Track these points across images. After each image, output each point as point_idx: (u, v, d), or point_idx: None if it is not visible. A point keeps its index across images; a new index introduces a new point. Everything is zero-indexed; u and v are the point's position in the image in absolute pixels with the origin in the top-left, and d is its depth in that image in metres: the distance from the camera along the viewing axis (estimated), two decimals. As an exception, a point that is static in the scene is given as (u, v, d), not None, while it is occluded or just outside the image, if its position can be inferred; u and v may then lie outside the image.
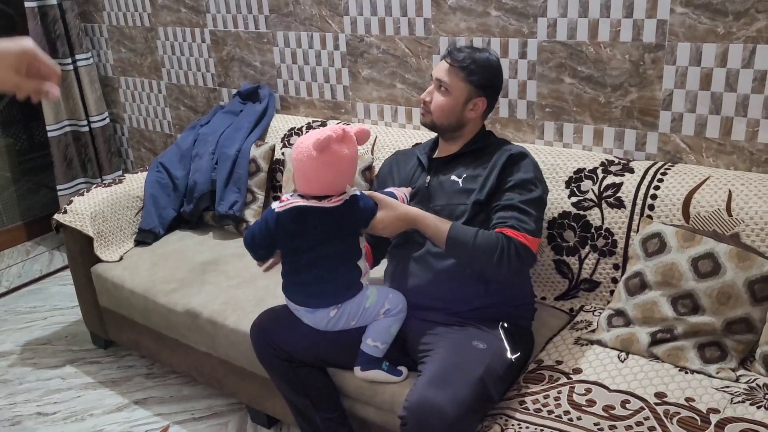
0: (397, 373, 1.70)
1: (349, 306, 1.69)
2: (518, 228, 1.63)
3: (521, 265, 1.65)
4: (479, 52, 1.76)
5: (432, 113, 1.79)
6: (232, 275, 2.26)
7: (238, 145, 2.61)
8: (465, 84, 1.75)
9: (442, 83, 1.76)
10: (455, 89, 1.75)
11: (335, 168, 1.59)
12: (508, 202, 1.68)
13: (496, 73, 1.79)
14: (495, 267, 1.62)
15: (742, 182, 1.76)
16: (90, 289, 2.52)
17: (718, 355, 1.59)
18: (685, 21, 1.84)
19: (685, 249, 1.65)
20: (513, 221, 1.65)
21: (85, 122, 3.44)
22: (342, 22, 2.53)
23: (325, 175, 1.59)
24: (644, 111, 1.99)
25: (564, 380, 1.59)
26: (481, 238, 1.63)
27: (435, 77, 1.78)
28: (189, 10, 2.99)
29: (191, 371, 2.31)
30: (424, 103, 1.81)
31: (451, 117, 1.78)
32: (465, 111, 1.78)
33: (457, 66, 1.74)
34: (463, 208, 1.73)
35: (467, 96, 1.76)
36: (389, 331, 1.71)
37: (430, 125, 1.83)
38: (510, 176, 1.71)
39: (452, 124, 1.79)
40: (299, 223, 1.63)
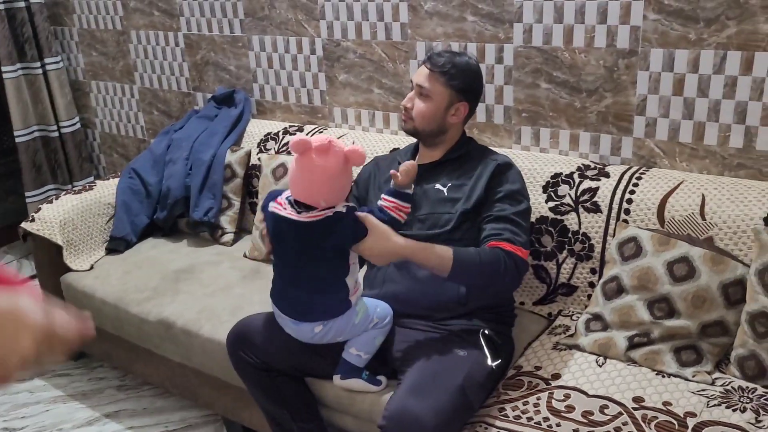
0: (376, 383, 1.68)
1: (337, 323, 1.61)
2: (514, 241, 1.64)
3: (520, 278, 1.67)
4: (459, 56, 1.76)
5: (414, 119, 1.78)
6: (207, 283, 2.23)
7: (213, 150, 2.58)
8: (446, 89, 1.74)
9: (423, 89, 1.75)
10: (436, 94, 1.74)
11: (308, 176, 1.48)
12: (500, 214, 1.68)
13: (476, 77, 1.79)
14: (501, 282, 1.63)
15: (715, 186, 1.78)
16: (59, 299, 2.46)
17: (694, 358, 1.60)
18: (657, 27, 1.86)
19: (660, 253, 1.67)
20: (508, 234, 1.65)
21: (55, 127, 3.36)
22: (318, 26, 2.51)
23: (299, 180, 1.51)
24: (619, 116, 2.01)
25: (543, 386, 1.58)
26: (485, 257, 1.61)
27: (415, 83, 1.77)
28: (162, 13, 2.95)
29: (165, 382, 2.27)
30: (405, 109, 1.79)
31: (433, 123, 1.77)
32: (447, 116, 1.77)
33: (438, 71, 1.73)
34: (447, 217, 1.73)
35: (449, 101, 1.76)
36: (374, 342, 1.68)
37: (412, 132, 1.82)
38: (499, 186, 1.72)
39: (434, 130, 1.79)
40: (276, 232, 1.59)
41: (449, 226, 1.71)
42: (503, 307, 1.80)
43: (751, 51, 1.75)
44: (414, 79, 1.78)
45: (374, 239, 1.53)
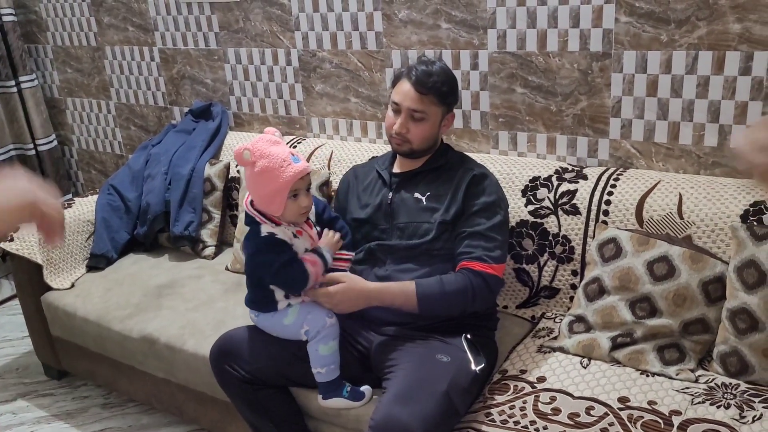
0: (358, 397, 1.67)
1: (265, 319, 1.72)
2: (485, 259, 1.66)
3: (492, 295, 1.70)
4: (435, 66, 1.73)
5: (411, 142, 1.75)
6: (189, 298, 2.21)
7: (191, 164, 2.56)
8: (439, 107, 1.74)
9: (417, 112, 1.72)
10: (431, 115, 1.74)
11: None
12: (474, 230, 1.69)
13: (456, 83, 1.79)
14: (470, 305, 1.66)
15: (692, 185, 1.80)
16: (41, 318, 2.43)
17: (677, 356, 1.61)
18: (629, 30, 1.88)
19: (640, 253, 1.68)
20: (479, 251, 1.67)
21: (32, 146, 3.33)
22: (293, 37, 2.51)
23: None
24: (594, 118, 2.02)
25: (529, 389, 1.59)
26: (449, 285, 1.64)
27: (405, 106, 1.72)
28: (136, 28, 2.94)
29: (150, 399, 2.24)
30: (399, 135, 1.74)
31: (430, 141, 1.78)
32: (439, 131, 1.79)
33: (430, 93, 1.71)
34: (427, 227, 1.73)
35: (441, 116, 1.77)
36: (319, 354, 1.66)
37: (407, 153, 1.79)
38: (475, 199, 1.72)
39: (431, 146, 1.80)
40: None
41: (429, 236, 1.72)
42: (484, 311, 1.80)
43: (722, 51, 1.77)
44: (400, 101, 1.72)
45: (344, 286, 1.64)
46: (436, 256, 1.72)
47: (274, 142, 1.59)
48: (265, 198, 1.60)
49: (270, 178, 1.55)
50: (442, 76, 1.72)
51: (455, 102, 1.80)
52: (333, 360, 1.67)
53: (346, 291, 1.64)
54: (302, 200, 1.61)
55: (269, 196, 1.59)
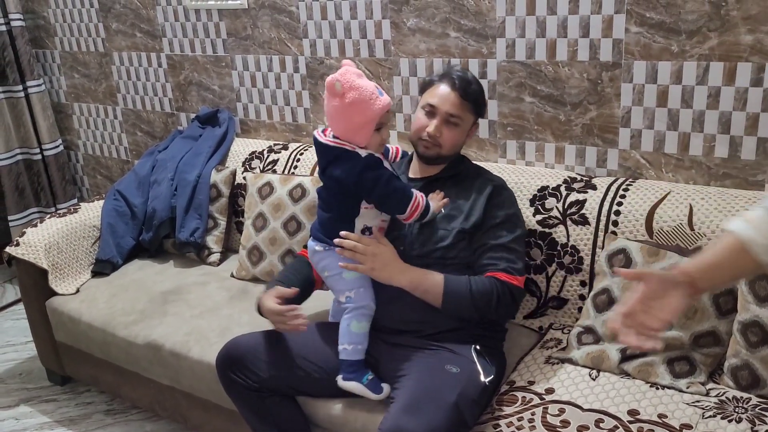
0: (377, 390, 1.64)
1: (328, 255, 1.71)
2: (510, 271, 1.67)
3: (515, 306, 1.71)
4: (470, 75, 1.78)
5: (441, 147, 1.74)
6: (194, 304, 2.20)
7: (198, 170, 2.56)
8: (472, 115, 1.77)
9: (453, 117, 1.72)
10: (465, 122, 1.76)
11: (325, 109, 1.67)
12: (497, 242, 1.70)
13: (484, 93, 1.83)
14: (493, 312, 1.66)
15: (702, 196, 1.78)
16: (45, 323, 2.42)
17: (688, 369, 1.60)
18: (640, 40, 1.87)
19: (650, 264, 1.67)
20: (504, 264, 1.67)
21: (38, 150, 3.34)
22: (301, 44, 2.51)
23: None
24: (604, 128, 2.02)
25: (537, 401, 1.57)
26: (476, 287, 1.64)
27: (444, 110, 1.71)
28: (144, 34, 2.94)
29: (153, 406, 2.23)
30: (432, 137, 1.72)
31: (458, 147, 1.80)
32: (465, 139, 1.80)
33: (470, 99, 1.74)
34: (443, 233, 1.72)
35: (471, 124, 1.79)
36: (350, 330, 1.67)
37: (433, 158, 1.77)
38: (497, 211, 1.73)
39: (455, 153, 1.81)
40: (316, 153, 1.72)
41: (445, 242, 1.71)
42: (494, 322, 1.79)
43: (734, 62, 1.76)
44: (438, 104, 1.72)
45: (389, 251, 1.67)
46: (449, 265, 1.70)
47: (359, 74, 1.63)
48: (353, 128, 1.62)
49: (361, 110, 1.59)
50: (479, 86, 1.78)
51: (483, 112, 1.83)
52: (361, 340, 1.67)
53: (390, 253, 1.66)
54: (384, 133, 1.66)
55: (358, 127, 1.61)
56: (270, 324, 1.82)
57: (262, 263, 2.30)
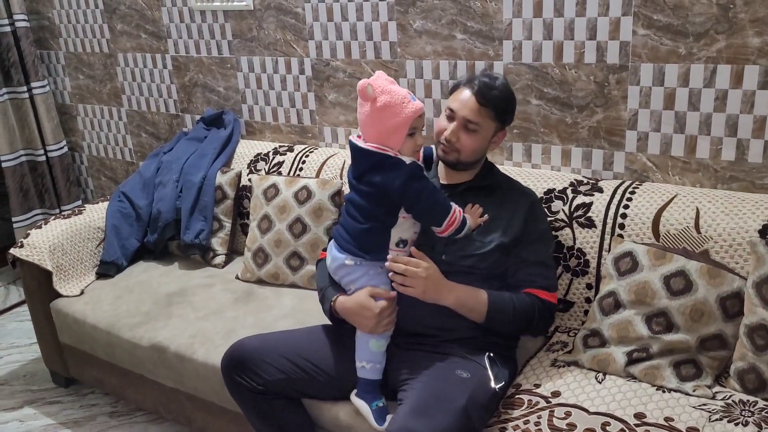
0: (380, 420, 1.60)
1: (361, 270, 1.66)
2: (548, 288, 1.70)
3: (552, 321, 1.75)
4: (497, 81, 1.69)
5: (459, 152, 1.70)
6: (199, 307, 2.20)
7: (203, 172, 2.56)
8: (493, 122, 1.70)
9: (471, 123, 1.68)
10: (485, 129, 1.69)
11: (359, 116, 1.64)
12: (536, 258, 1.71)
13: (515, 103, 1.75)
14: (533, 329, 1.71)
15: (709, 199, 1.78)
16: (49, 325, 2.42)
17: (694, 372, 1.59)
18: (647, 42, 1.87)
19: (656, 267, 1.66)
20: (542, 280, 1.70)
21: (42, 151, 3.34)
22: (307, 46, 2.51)
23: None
24: (610, 131, 2.01)
25: (543, 404, 1.57)
26: (519, 304, 1.66)
27: (461, 115, 1.67)
28: (149, 35, 2.94)
29: (158, 408, 2.23)
30: (449, 142, 1.69)
31: (478, 155, 1.74)
32: (488, 146, 1.75)
33: (491, 106, 1.68)
34: (478, 245, 1.69)
35: (494, 131, 1.73)
36: (369, 348, 1.64)
37: (452, 163, 1.74)
38: (534, 226, 1.74)
39: (477, 161, 1.77)
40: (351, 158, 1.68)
41: (479, 252, 1.68)
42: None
43: (741, 64, 1.76)
44: (456, 109, 1.68)
45: (434, 270, 1.61)
46: (477, 275, 1.68)
47: (391, 80, 1.62)
48: (385, 132, 1.59)
49: (392, 114, 1.57)
50: (504, 92, 1.70)
51: (510, 121, 1.76)
52: (380, 359, 1.65)
53: (437, 273, 1.61)
54: (418, 138, 1.63)
55: (390, 131, 1.58)
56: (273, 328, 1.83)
57: (267, 265, 2.30)
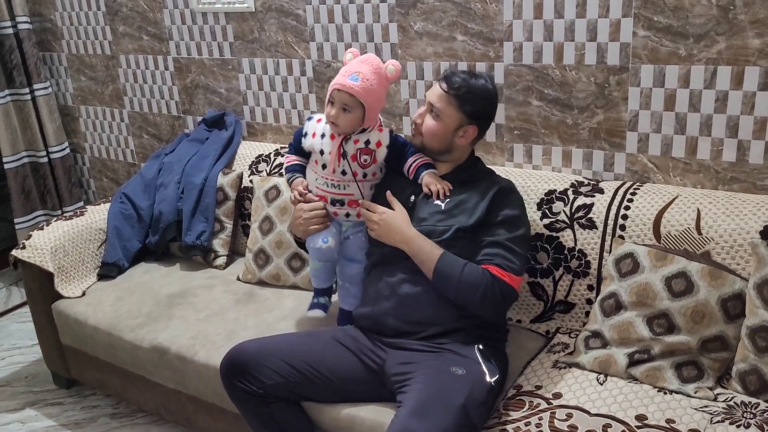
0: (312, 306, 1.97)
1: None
2: (504, 267, 1.66)
3: (504, 304, 1.69)
4: (475, 79, 1.75)
5: (422, 135, 1.79)
6: (200, 308, 2.20)
7: (204, 173, 2.56)
8: (457, 112, 1.74)
9: (434, 108, 1.75)
10: (446, 116, 1.74)
11: None
12: (495, 239, 1.69)
13: (490, 102, 1.78)
14: (478, 304, 1.65)
15: (710, 200, 1.78)
16: (51, 326, 2.43)
17: (695, 374, 1.59)
18: (647, 44, 1.87)
19: (658, 269, 1.66)
20: (499, 259, 1.66)
21: (44, 153, 3.34)
22: (308, 48, 2.51)
23: None
24: (611, 132, 2.01)
25: (544, 405, 1.57)
26: (467, 274, 1.64)
27: (428, 100, 1.77)
28: (151, 37, 2.95)
29: (159, 409, 2.23)
30: (415, 124, 1.81)
31: (441, 142, 1.78)
32: (455, 137, 1.77)
33: (452, 93, 1.72)
34: (443, 228, 1.73)
35: (458, 123, 1.75)
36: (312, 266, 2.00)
37: (419, 146, 1.83)
38: (499, 210, 1.72)
39: (441, 149, 1.80)
40: None
41: (445, 236, 1.71)
42: (495, 322, 1.79)
43: (741, 66, 1.76)
44: (427, 95, 1.78)
45: (393, 216, 1.75)
46: None
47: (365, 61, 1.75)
48: None
49: None
50: (474, 87, 1.73)
51: (479, 117, 1.77)
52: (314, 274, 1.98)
53: (389, 217, 1.75)
54: (329, 108, 1.76)
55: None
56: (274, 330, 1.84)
57: (269, 266, 2.30)
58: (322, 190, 1.85)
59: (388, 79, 1.78)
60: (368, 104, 1.73)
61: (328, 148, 1.81)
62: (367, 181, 1.86)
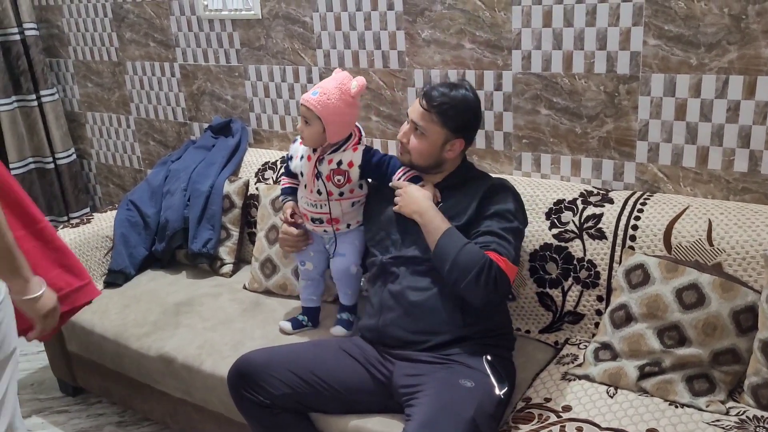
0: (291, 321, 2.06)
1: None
2: (500, 252, 1.63)
3: (495, 292, 1.62)
4: (455, 90, 1.73)
5: (411, 154, 1.78)
6: (207, 316, 2.19)
7: (211, 180, 2.56)
8: (442, 128, 1.73)
9: (418, 126, 1.74)
10: (431, 134, 1.74)
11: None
12: (487, 229, 1.68)
13: (472, 113, 1.77)
14: (472, 284, 1.60)
15: (721, 211, 1.76)
16: (57, 334, 2.42)
17: (707, 387, 1.57)
18: (658, 53, 1.86)
19: (668, 280, 1.64)
20: (495, 245, 1.64)
21: (51, 159, 3.35)
22: (315, 55, 2.50)
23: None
24: (621, 141, 2.00)
25: (554, 419, 1.55)
26: (467, 251, 1.62)
27: (410, 118, 1.76)
28: (158, 44, 2.95)
29: (165, 418, 2.22)
30: (401, 143, 1.80)
31: (429, 159, 1.78)
32: (443, 152, 1.77)
33: (434, 111, 1.71)
34: None
35: (444, 139, 1.75)
36: None
37: (408, 165, 1.82)
38: (490, 205, 1.71)
39: (430, 164, 1.79)
40: None
41: None
42: (501, 330, 1.78)
43: (753, 75, 1.74)
44: (409, 113, 1.78)
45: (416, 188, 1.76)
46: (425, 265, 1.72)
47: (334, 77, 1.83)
48: None
49: None
50: (454, 100, 1.71)
51: (464, 129, 1.75)
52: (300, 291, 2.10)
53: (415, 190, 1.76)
54: (301, 125, 1.85)
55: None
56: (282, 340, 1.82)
57: (276, 276, 2.29)
58: (304, 209, 1.96)
59: (351, 95, 1.79)
60: (324, 118, 1.78)
61: (306, 169, 1.89)
62: (345, 199, 1.89)
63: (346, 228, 1.95)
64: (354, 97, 1.80)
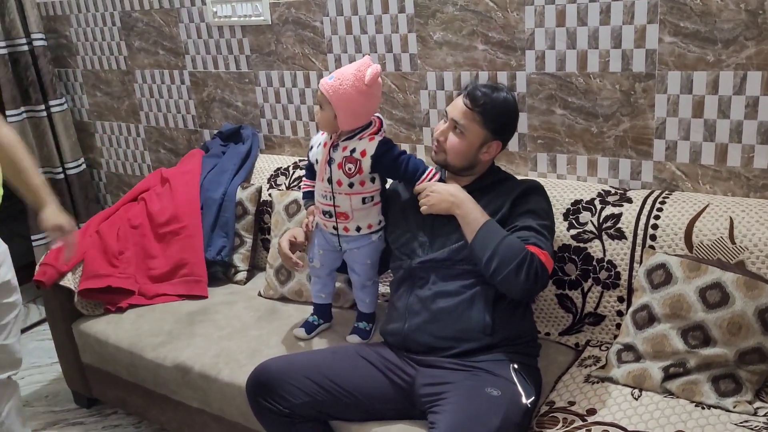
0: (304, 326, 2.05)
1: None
2: (540, 246, 1.62)
3: (535, 285, 1.60)
4: (497, 92, 1.72)
5: (446, 153, 1.76)
6: (222, 325, 2.18)
7: (223, 188, 2.55)
8: (482, 129, 1.71)
9: (458, 125, 1.72)
10: (471, 133, 1.72)
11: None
12: (524, 224, 1.67)
13: (513, 117, 1.76)
14: (512, 275, 1.58)
15: (742, 209, 1.74)
16: (71, 344, 2.41)
17: (733, 387, 1.55)
18: (674, 50, 1.84)
19: (691, 279, 1.62)
20: (534, 239, 1.63)
21: (60, 169, 3.34)
22: (326, 60, 2.49)
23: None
24: (638, 140, 1.98)
25: (579, 423, 1.53)
26: (509, 242, 1.60)
27: (450, 117, 1.74)
28: (167, 52, 2.94)
29: (182, 428, 2.20)
30: (438, 141, 1.77)
31: (465, 160, 1.75)
32: (479, 154, 1.75)
33: (477, 110, 1.70)
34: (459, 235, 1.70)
35: (483, 140, 1.73)
36: None
37: (442, 164, 1.80)
38: (525, 204, 1.71)
39: (465, 166, 1.77)
40: None
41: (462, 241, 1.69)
42: (527, 336, 1.76)
43: (772, 71, 1.72)
44: (449, 111, 1.75)
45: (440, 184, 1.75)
46: (479, 275, 1.67)
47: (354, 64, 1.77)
48: None
49: None
50: (496, 101, 1.71)
51: (503, 132, 1.75)
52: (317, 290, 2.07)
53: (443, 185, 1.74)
54: (316, 109, 1.82)
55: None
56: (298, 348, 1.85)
57: (291, 282, 2.28)
58: (317, 201, 1.91)
59: (365, 83, 1.72)
60: (334, 103, 1.74)
61: (320, 155, 1.86)
62: (355, 193, 1.82)
63: (356, 231, 1.87)
64: (369, 86, 1.73)
